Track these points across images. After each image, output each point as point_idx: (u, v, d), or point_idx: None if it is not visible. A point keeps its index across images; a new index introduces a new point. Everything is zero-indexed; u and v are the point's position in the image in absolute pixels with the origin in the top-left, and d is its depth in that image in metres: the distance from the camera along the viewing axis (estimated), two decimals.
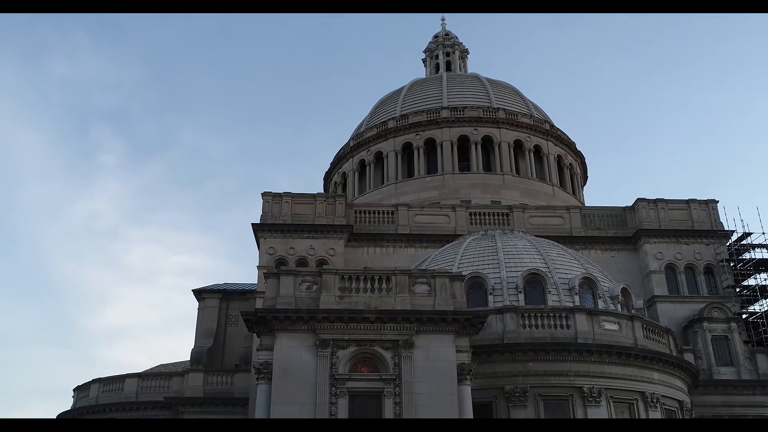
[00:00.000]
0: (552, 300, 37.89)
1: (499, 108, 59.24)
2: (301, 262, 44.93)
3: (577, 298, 38.15)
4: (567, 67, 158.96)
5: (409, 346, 29.52)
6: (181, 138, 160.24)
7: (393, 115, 60.86)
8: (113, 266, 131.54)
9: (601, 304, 38.59)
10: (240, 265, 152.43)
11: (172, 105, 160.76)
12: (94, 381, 46.42)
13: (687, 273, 47.20)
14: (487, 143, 57.51)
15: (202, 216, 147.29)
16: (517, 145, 57.90)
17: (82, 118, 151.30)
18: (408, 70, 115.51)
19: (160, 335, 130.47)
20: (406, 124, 58.66)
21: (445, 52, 74.45)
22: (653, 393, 35.47)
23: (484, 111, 58.64)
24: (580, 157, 63.27)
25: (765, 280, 46.89)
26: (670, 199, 49.77)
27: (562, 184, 59.00)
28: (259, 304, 37.48)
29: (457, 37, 76.33)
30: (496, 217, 49.24)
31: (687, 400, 38.56)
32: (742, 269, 47.10)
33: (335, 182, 63.45)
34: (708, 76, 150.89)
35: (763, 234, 47.52)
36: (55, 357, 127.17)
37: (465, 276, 35.05)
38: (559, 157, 59.76)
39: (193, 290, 51.23)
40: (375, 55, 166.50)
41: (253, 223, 46.81)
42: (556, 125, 62.10)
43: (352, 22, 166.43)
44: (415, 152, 57.62)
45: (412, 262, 44.22)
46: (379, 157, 59.23)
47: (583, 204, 59.02)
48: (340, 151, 63.60)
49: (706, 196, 50.24)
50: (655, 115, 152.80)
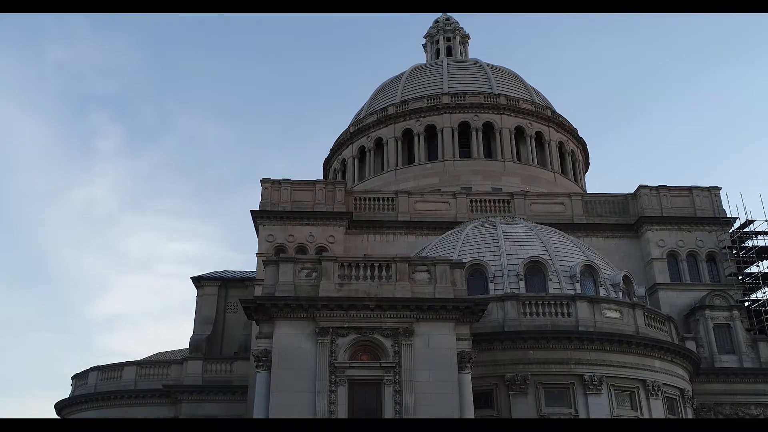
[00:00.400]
0: (553, 288, 37.73)
1: (500, 94, 58.73)
2: (301, 250, 44.69)
3: (578, 286, 37.99)
4: (569, 53, 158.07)
5: (409, 333, 29.37)
6: (179, 124, 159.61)
7: (393, 101, 60.37)
8: (111, 253, 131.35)
9: (603, 292, 38.40)
10: (239, 253, 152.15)
11: (170, 91, 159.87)
12: (93, 369, 46.29)
13: (689, 260, 46.96)
14: (488, 129, 57.06)
15: (201, 203, 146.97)
16: (519, 132, 57.46)
17: (80, 104, 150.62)
18: (408, 55, 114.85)
19: (159, 323, 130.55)
20: (406, 110, 58.20)
21: (445, 37, 73.71)
22: (654, 381, 35.35)
23: (485, 97, 58.14)
24: (581, 144, 62.84)
25: (767, 267, 46.66)
26: (673, 186, 49.43)
27: (564, 171, 58.64)
28: (258, 291, 37.29)
29: (458, 22, 75.57)
30: (497, 204, 48.93)
31: (688, 388, 38.44)
32: (745, 257, 46.88)
33: (335, 169, 63.06)
34: (712, 61, 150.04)
35: (766, 221, 47.25)
36: (53, 344, 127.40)
37: (465, 263, 34.84)
38: (561, 143, 59.35)
39: (191, 278, 51.03)
40: (375, 41, 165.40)
41: (251, 210, 46.52)
42: (557, 111, 61.61)
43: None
44: (416, 138, 57.19)
45: (412, 250, 43.96)
46: (379, 144, 58.81)
47: (585, 191, 58.63)
48: (339, 138, 63.15)
49: (708, 183, 49.94)
50: (658, 101, 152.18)
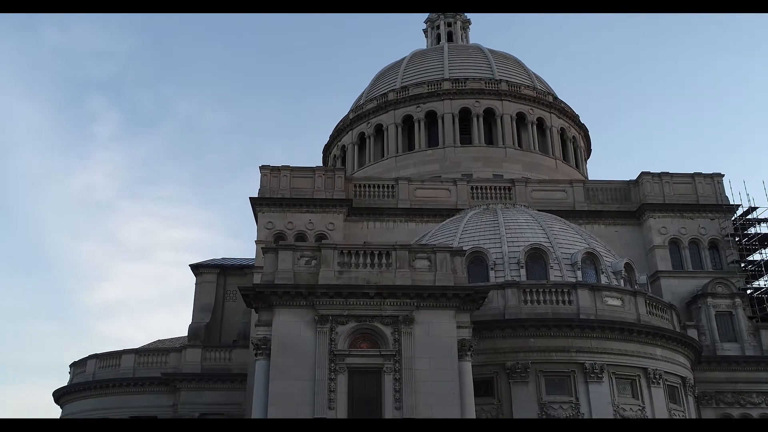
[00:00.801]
0: (554, 275, 37.50)
1: (501, 80, 58.17)
2: (300, 237, 44.40)
3: (579, 274, 37.76)
4: (571, 39, 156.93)
5: (410, 321, 29.17)
6: (177, 109, 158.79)
7: (393, 87, 59.81)
8: (109, 240, 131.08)
9: (604, 280, 38.16)
10: (238, 240, 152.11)
11: (168, 75, 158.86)
12: (91, 357, 46.09)
13: (691, 248, 46.68)
14: (489, 116, 56.56)
15: (200, 190, 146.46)
16: (520, 118, 56.95)
17: (77, 89, 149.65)
18: (409, 40, 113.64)
19: (158, 311, 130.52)
20: (406, 96, 57.66)
21: (446, 22, 72.87)
22: (656, 369, 35.19)
23: (486, 83, 57.58)
24: (583, 130, 62.36)
25: None
26: (675, 173, 49.05)
27: (565, 158, 58.21)
28: (257, 279, 37.08)
29: None
30: (498, 191, 48.58)
31: (690, 377, 38.28)
32: (747, 244, 46.62)
33: (334, 155, 62.62)
34: (715, 48, 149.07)
35: None
36: (51, 332, 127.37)
37: (466, 251, 34.67)
38: (563, 130, 58.87)
39: (190, 265, 50.82)
40: (375, 26, 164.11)
41: (251, 197, 46.17)
42: (559, 97, 61.08)
43: None
44: (416, 125, 56.70)
45: (413, 237, 43.67)
46: (379, 130, 58.33)
47: (587, 178, 58.28)
48: (339, 124, 62.65)
49: (711, 170, 49.57)
50: (661, 87, 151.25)
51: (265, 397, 28.39)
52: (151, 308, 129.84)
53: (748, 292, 45.45)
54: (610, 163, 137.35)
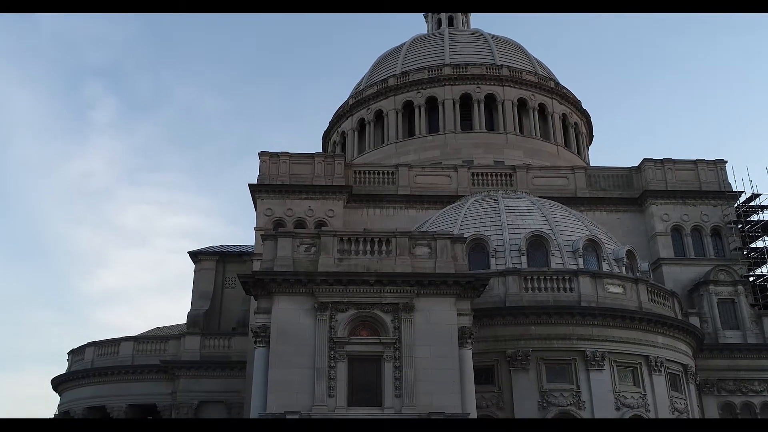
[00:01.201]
0: (555, 262, 37.28)
1: (502, 65, 57.61)
2: (300, 224, 44.09)
3: (581, 261, 37.55)
4: (573, 24, 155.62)
5: (410, 309, 28.99)
6: (175, 95, 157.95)
7: (393, 73, 59.27)
8: (107, 227, 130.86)
9: (606, 267, 37.92)
10: (237, 227, 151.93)
11: (166, 61, 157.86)
12: (89, 344, 45.88)
13: (693, 235, 46.38)
14: (490, 101, 56.06)
15: (198, 176, 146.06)
16: (521, 104, 56.47)
17: (75, 75, 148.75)
18: (409, 25, 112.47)
19: (156, 298, 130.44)
20: (406, 81, 57.16)
21: None
22: (657, 357, 35.00)
23: (487, 68, 57.02)
24: (585, 116, 61.89)
25: None
26: (678, 160, 48.69)
27: (567, 144, 57.78)
28: (256, 266, 36.83)
29: None
30: (499, 178, 48.25)
31: (691, 364, 38.12)
32: (750, 231, 46.30)
33: (334, 142, 62.19)
34: (718, 33, 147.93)
35: None
36: (49, 320, 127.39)
37: (467, 238, 34.50)
38: (564, 115, 58.40)
39: (189, 252, 50.63)
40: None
41: (250, 184, 45.84)
42: (561, 83, 60.53)
43: None
44: (416, 111, 56.21)
45: (413, 224, 43.42)
46: (379, 116, 57.86)
47: (589, 164, 57.87)
48: (339, 110, 62.15)
49: (714, 156, 49.33)
50: (664, 73, 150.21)
51: (265, 385, 28.28)
52: (150, 296, 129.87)
53: (751, 279, 45.24)
54: (613, 149, 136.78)
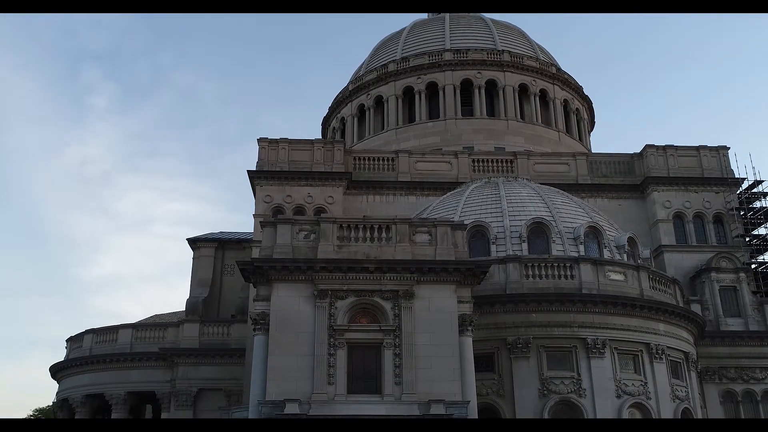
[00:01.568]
0: (556, 250, 37.03)
1: (503, 50, 57.10)
2: (299, 211, 43.82)
3: (582, 248, 37.33)
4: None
5: (410, 296, 28.79)
6: (174, 80, 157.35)
7: (393, 58, 58.76)
8: (105, 213, 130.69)
9: (607, 254, 37.69)
10: (236, 214, 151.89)
11: (165, 45, 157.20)
12: (88, 332, 45.64)
13: (695, 222, 46.14)
14: (491, 87, 55.63)
15: (197, 162, 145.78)
16: (522, 89, 56.01)
17: (72, 60, 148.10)
18: None
19: (155, 285, 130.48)
20: (407, 67, 56.67)
21: None
22: (658, 344, 34.87)
23: (488, 53, 56.55)
24: (587, 102, 61.45)
25: None
26: (680, 146, 48.35)
27: (568, 130, 57.38)
28: (255, 253, 36.63)
29: None
30: (500, 164, 47.92)
31: (693, 352, 37.98)
32: (752, 218, 46.13)
33: (334, 128, 61.74)
34: (720, 19, 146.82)
35: None
36: (47, 306, 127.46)
37: (467, 225, 34.24)
38: (566, 101, 57.98)
39: (187, 239, 50.27)
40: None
41: (249, 170, 45.51)
42: (562, 69, 60.01)
43: None
44: (417, 96, 55.76)
45: (413, 211, 43.14)
46: (379, 102, 57.41)
47: (590, 150, 57.56)
48: (338, 96, 61.65)
49: (716, 143, 48.81)
50: (666, 59, 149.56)
51: (264, 372, 28.14)
52: (149, 282, 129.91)
53: (753, 266, 45.03)
54: (614, 135, 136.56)
